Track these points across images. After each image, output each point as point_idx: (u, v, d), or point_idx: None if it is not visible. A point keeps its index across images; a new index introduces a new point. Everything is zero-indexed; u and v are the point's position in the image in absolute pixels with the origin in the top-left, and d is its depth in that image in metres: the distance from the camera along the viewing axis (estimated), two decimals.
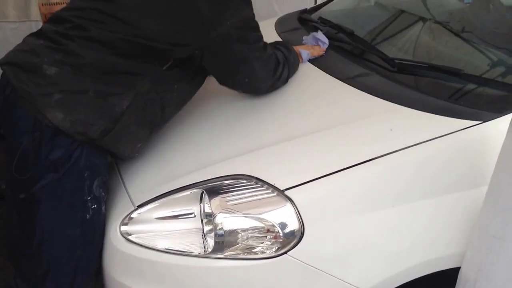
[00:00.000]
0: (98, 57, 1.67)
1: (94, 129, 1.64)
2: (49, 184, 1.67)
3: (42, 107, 1.62)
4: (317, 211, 1.58)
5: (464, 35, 2.17)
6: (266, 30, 2.50)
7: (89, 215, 1.71)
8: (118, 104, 1.67)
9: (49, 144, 1.64)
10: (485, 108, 1.71)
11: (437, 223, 1.62)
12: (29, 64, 1.67)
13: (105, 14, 1.71)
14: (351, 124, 1.75)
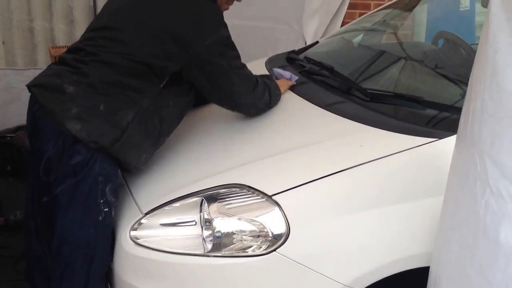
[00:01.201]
0: (105, 76, 1.99)
1: (105, 139, 1.93)
2: (69, 187, 1.94)
3: (63, 120, 1.92)
4: (301, 214, 1.85)
5: (428, 70, 2.49)
6: (258, 67, 2.85)
7: (101, 217, 1.97)
8: (124, 117, 1.98)
9: (70, 150, 1.93)
10: (440, 128, 2.01)
11: (405, 225, 1.88)
12: (53, 85, 2.00)
13: (110, 40, 2.07)
14: (329, 141, 2.05)
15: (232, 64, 2.18)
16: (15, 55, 4.14)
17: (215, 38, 2.10)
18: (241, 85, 2.21)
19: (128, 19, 2.12)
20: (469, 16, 3.83)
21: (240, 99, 2.25)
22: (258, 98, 2.28)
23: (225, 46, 2.16)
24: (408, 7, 3.43)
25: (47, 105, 1.96)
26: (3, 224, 3.31)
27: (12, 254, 3.06)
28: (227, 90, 2.20)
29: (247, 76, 2.25)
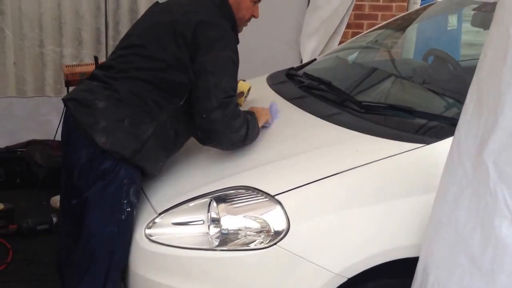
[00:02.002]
0: (132, 88, 2.21)
1: (127, 151, 2.15)
2: (98, 190, 2.17)
3: (92, 132, 2.15)
4: (300, 212, 2.04)
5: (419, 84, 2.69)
6: (259, 83, 3.05)
7: (124, 216, 2.17)
8: (145, 131, 2.19)
9: (100, 158, 2.16)
10: (428, 135, 2.20)
11: (393, 221, 2.06)
12: (86, 100, 2.23)
13: (138, 55, 2.29)
14: (327, 147, 2.24)
15: (219, 87, 2.20)
16: (25, 79, 4.31)
17: (217, 57, 2.23)
18: (219, 111, 2.18)
19: (153, 35, 2.31)
20: (456, 35, 4.06)
21: (215, 124, 2.20)
22: (234, 129, 2.24)
23: (224, 69, 2.24)
24: (400, 27, 3.65)
25: (79, 119, 2.20)
26: (16, 230, 3.49)
27: (25, 257, 3.28)
28: (203, 112, 2.20)
29: (231, 106, 2.22)
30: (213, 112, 2.17)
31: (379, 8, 5.35)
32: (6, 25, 4.10)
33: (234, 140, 2.27)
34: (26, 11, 4.16)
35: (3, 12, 4.08)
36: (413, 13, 3.91)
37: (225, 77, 2.23)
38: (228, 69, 2.26)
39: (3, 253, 3.30)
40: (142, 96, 2.21)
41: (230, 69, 2.27)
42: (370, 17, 5.29)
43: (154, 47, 2.28)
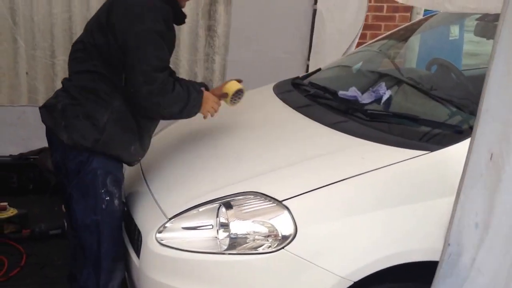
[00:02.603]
0: (82, 85, 2.35)
1: (88, 141, 2.29)
2: (76, 183, 2.34)
3: (57, 132, 2.35)
4: (308, 216, 2.10)
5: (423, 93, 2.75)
6: (266, 92, 3.12)
7: (104, 205, 2.34)
8: (101, 119, 2.31)
9: (72, 154, 2.33)
10: (432, 142, 2.26)
11: (397, 226, 2.12)
12: (51, 105, 2.42)
13: (79, 50, 2.39)
14: (333, 154, 2.31)
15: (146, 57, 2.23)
16: (37, 88, 4.38)
17: (139, 30, 2.23)
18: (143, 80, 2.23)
19: (90, 26, 2.42)
20: (458, 45, 4.13)
21: (142, 100, 2.26)
22: (164, 106, 2.29)
23: (145, 38, 2.24)
24: (403, 37, 3.72)
25: (45, 122, 2.42)
26: (29, 235, 3.58)
27: (38, 261, 3.37)
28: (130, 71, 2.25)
29: (159, 80, 2.24)
30: (139, 88, 2.22)
31: (382, 19, 5.43)
32: (19, 35, 4.19)
33: (165, 115, 2.39)
34: (38, 22, 4.23)
35: (16, 23, 4.16)
36: (415, 24, 3.97)
37: (149, 49, 2.24)
38: (152, 40, 2.25)
39: (17, 257, 3.39)
40: (89, 87, 2.33)
41: (155, 41, 2.26)
42: (374, 27, 5.36)
43: (88, 38, 2.36)
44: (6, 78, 4.25)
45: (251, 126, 2.79)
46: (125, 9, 2.27)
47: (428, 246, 2.10)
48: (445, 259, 1.90)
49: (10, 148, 4.29)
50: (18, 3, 4.12)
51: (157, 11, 2.28)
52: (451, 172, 2.02)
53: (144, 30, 2.24)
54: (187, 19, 3.91)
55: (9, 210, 3.64)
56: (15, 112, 4.30)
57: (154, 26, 2.25)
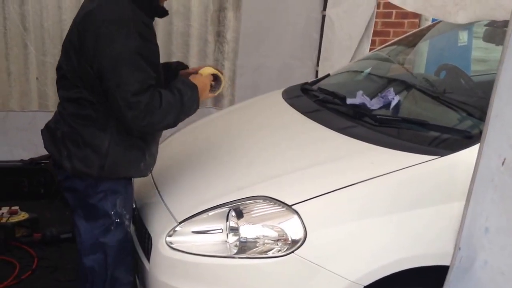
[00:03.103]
0: (75, 113, 2.21)
1: (93, 169, 2.21)
2: (84, 204, 2.27)
3: (59, 160, 2.26)
4: (317, 221, 2.12)
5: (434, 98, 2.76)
6: (275, 97, 3.14)
7: (113, 227, 2.27)
8: (102, 145, 2.20)
9: (79, 179, 2.24)
10: (442, 147, 2.27)
11: (407, 230, 2.13)
12: (51, 129, 2.34)
13: (64, 78, 2.25)
14: (343, 159, 2.32)
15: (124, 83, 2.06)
16: (47, 93, 4.40)
17: (109, 50, 2.06)
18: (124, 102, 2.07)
19: (66, 48, 2.24)
20: (467, 51, 4.14)
21: (130, 124, 2.13)
22: (155, 122, 2.14)
23: (119, 60, 2.06)
24: (411, 43, 3.73)
25: (47, 148, 2.34)
26: (41, 239, 3.61)
27: (49, 265, 3.40)
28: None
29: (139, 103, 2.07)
30: (123, 115, 2.09)
31: (391, 25, 5.45)
32: (29, 41, 4.23)
33: (162, 129, 2.29)
34: (48, 28, 4.26)
35: (26, 28, 4.20)
36: (424, 30, 3.99)
37: (125, 72, 2.05)
38: (127, 62, 2.05)
39: (28, 260, 3.42)
40: (82, 115, 2.20)
41: (131, 61, 2.05)
42: (383, 33, 5.38)
43: (67, 64, 2.22)
44: (17, 84, 4.29)
45: (260, 131, 2.81)
46: (93, 31, 2.08)
47: (438, 251, 2.10)
48: (456, 263, 1.91)
49: (21, 153, 4.32)
50: (29, 9, 4.16)
51: (128, 25, 2.06)
52: (461, 177, 2.02)
53: (117, 51, 2.04)
54: (196, 24, 3.93)
55: (21, 214, 3.67)
56: (25, 118, 4.33)
57: (127, 45, 2.04)
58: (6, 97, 4.29)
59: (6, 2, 4.09)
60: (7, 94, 4.28)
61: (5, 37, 4.17)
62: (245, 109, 3.27)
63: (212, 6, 4.43)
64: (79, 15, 2.21)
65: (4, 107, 4.30)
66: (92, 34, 2.08)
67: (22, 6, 4.14)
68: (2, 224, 3.55)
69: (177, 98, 2.19)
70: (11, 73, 4.25)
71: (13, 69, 4.25)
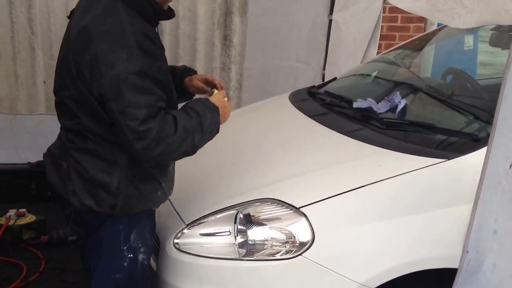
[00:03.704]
0: (81, 147, 1.98)
1: (103, 208, 2.00)
2: (96, 238, 2.08)
3: (66, 195, 2.04)
4: (325, 223, 2.13)
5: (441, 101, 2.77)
6: (282, 100, 3.15)
7: (126, 263, 2.07)
8: (111, 184, 1.97)
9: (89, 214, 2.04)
10: (449, 150, 2.28)
11: (415, 233, 2.14)
12: (55, 158, 2.11)
13: (67, 108, 1.99)
14: (350, 161, 2.33)
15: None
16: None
17: (110, 76, 1.80)
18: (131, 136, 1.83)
19: (61, 73, 2.01)
20: (472, 55, 4.15)
21: (141, 156, 1.90)
22: (170, 151, 1.90)
23: (121, 85, 1.80)
24: (417, 47, 3.74)
25: (50, 179, 2.12)
26: (48, 241, 3.62)
27: (56, 266, 3.42)
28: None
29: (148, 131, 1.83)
30: (131, 147, 1.84)
31: (397, 29, 5.46)
32: (37, 45, 4.25)
33: (175, 157, 2.00)
34: (55, 31, 4.27)
35: (34, 32, 4.22)
36: (430, 34, 4.00)
37: (129, 98, 1.79)
38: (130, 86, 1.80)
39: (35, 262, 3.43)
40: (86, 149, 1.98)
41: (135, 85, 1.80)
42: (388, 37, 5.39)
43: (64, 91, 1.98)
44: (24, 87, 4.30)
45: (268, 134, 2.82)
46: (89, 52, 1.81)
47: (446, 253, 2.11)
48: (464, 266, 1.91)
49: (29, 155, 4.32)
50: (36, 13, 4.18)
51: (128, 41, 1.81)
52: (469, 179, 2.02)
53: (117, 74, 1.78)
54: (203, 28, 3.91)
55: (28, 216, 3.69)
56: (33, 120, 4.34)
57: (128, 65, 1.79)
58: (13, 100, 4.30)
59: (13, 6, 4.11)
60: (15, 98, 4.29)
61: (12, 40, 4.19)
62: (252, 112, 3.28)
63: (218, 10, 4.45)
64: (71, 31, 1.93)
65: (12, 110, 4.31)
66: (88, 57, 1.82)
67: (30, 10, 4.16)
68: (9, 227, 3.56)
69: (194, 122, 1.94)
70: (19, 76, 4.27)
71: (20, 72, 4.27)
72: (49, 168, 2.14)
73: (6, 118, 4.30)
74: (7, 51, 4.20)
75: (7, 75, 4.24)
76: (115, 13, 1.86)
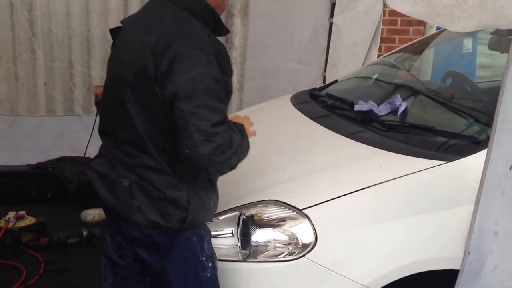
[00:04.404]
0: (148, 164, 1.93)
1: (172, 223, 1.95)
2: (173, 257, 2.00)
3: (129, 214, 1.97)
4: (328, 225, 2.13)
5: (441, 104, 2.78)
6: (283, 102, 3.16)
7: (208, 274, 2.03)
8: (181, 198, 1.93)
9: (155, 232, 1.97)
10: (450, 152, 2.29)
11: (417, 234, 2.15)
12: (108, 178, 2.03)
13: (128, 120, 1.93)
14: (352, 163, 2.34)
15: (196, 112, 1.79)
16: (55, 98, 4.43)
17: (190, 76, 1.81)
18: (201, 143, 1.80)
19: (123, 78, 1.97)
20: (472, 58, 4.17)
21: (200, 161, 1.83)
22: (222, 161, 1.87)
23: (198, 86, 1.81)
24: (417, 50, 3.76)
25: (107, 200, 2.03)
26: (48, 243, 3.61)
27: (56, 268, 3.40)
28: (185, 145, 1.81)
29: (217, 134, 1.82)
30: (197, 149, 1.79)
31: (396, 32, 5.48)
32: (38, 47, 4.26)
33: (223, 170, 1.96)
34: (56, 34, 4.29)
35: (35, 34, 4.23)
36: (429, 37, 4.01)
37: (205, 97, 1.80)
38: (207, 89, 1.81)
39: (35, 265, 3.42)
40: (153, 164, 1.93)
41: (211, 89, 1.82)
42: (388, 40, 5.41)
43: (126, 94, 1.93)
44: (25, 88, 4.32)
45: (270, 136, 2.81)
46: (171, 54, 1.81)
47: (447, 255, 2.12)
48: (465, 267, 1.92)
49: (29, 157, 4.33)
50: (37, 15, 4.19)
51: (207, 49, 1.85)
52: (469, 181, 2.04)
53: (197, 74, 1.80)
54: None
55: (28, 218, 3.68)
56: (33, 122, 4.36)
57: (208, 70, 1.81)
58: (14, 102, 4.32)
59: (14, 8, 4.13)
60: (15, 99, 4.30)
61: (13, 42, 4.21)
62: (254, 114, 3.26)
63: None
64: (146, 39, 1.89)
65: (12, 111, 4.32)
66: (167, 58, 1.81)
67: (31, 11, 4.18)
68: (9, 229, 3.55)
69: (239, 138, 1.95)
70: (19, 78, 4.29)
71: (21, 74, 4.28)
72: (101, 188, 2.05)
73: (6, 120, 4.32)
74: (8, 53, 4.22)
75: (8, 76, 4.26)
76: (190, 23, 1.91)
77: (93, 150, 4.25)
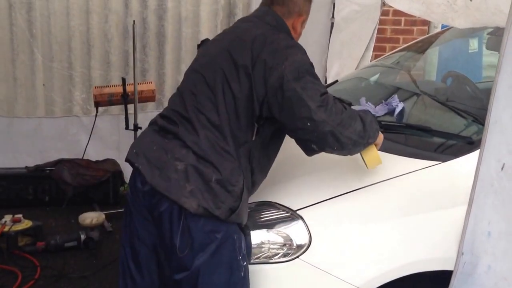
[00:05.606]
0: (209, 142, 1.99)
1: (221, 211, 1.93)
2: (208, 256, 1.96)
3: (178, 198, 1.93)
4: (322, 226, 2.09)
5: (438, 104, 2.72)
6: None
7: (243, 273, 2.01)
8: (237, 185, 1.97)
9: (198, 223, 1.94)
10: (444, 152, 2.27)
11: (411, 235, 2.10)
12: (161, 162, 2.01)
13: (209, 101, 2.06)
14: (347, 164, 2.28)
15: (306, 86, 2.00)
16: (54, 99, 4.42)
17: (291, 62, 2.01)
18: (319, 111, 1.97)
19: (218, 68, 2.10)
20: (477, 57, 4.10)
21: (321, 127, 1.98)
22: (347, 125, 2.01)
23: (302, 71, 2.02)
24: (421, 49, 3.70)
25: (157, 185, 1.98)
26: (44, 247, 3.56)
27: (52, 274, 3.35)
28: (306, 120, 1.98)
29: (328, 101, 2.00)
30: (316, 114, 1.96)
31: (400, 32, 5.46)
32: (36, 48, 4.24)
33: (353, 137, 2.02)
34: (55, 34, 4.28)
35: (33, 35, 4.21)
36: (433, 36, 3.97)
37: (309, 77, 2.02)
38: (307, 70, 2.04)
39: (31, 269, 3.37)
40: (219, 146, 2.00)
41: (310, 70, 2.06)
42: (392, 40, 5.39)
43: (220, 85, 2.06)
44: (23, 90, 4.31)
45: None
46: (271, 47, 2.04)
47: (442, 256, 2.08)
48: (459, 268, 1.89)
49: (26, 159, 4.31)
50: (37, 16, 4.18)
51: (301, 47, 2.12)
52: (463, 181, 1.98)
53: (299, 61, 2.03)
54: (205, 31, 3.90)
55: (24, 222, 3.63)
56: (31, 124, 4.34)
57: (306, 59, 2.07)
58: (11, 104, 4.31)
59: (13, 9, 4.11)
60: (13, 100, 4.29)
61: (11, 43, 4.20)
62: None
63: (222, 12, 4.44)
64: (241, 36, 2.12)
65: (10, 113, 4.31)
66: (266, 51, 2.04)
67: (30, 12, 4.17)
68: (4, 233, 3.50)
69: (354, 112, 2.09)
70: (17, 79, 4.28)
71: (19, 75, 4.28)
72: (148, 171, 2.02)
73: (3, 121, 4.31)
74: (6, 54, 4.21)
75: (6, 77, 4.26)
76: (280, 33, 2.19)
77: (92, 152, 4.31)
